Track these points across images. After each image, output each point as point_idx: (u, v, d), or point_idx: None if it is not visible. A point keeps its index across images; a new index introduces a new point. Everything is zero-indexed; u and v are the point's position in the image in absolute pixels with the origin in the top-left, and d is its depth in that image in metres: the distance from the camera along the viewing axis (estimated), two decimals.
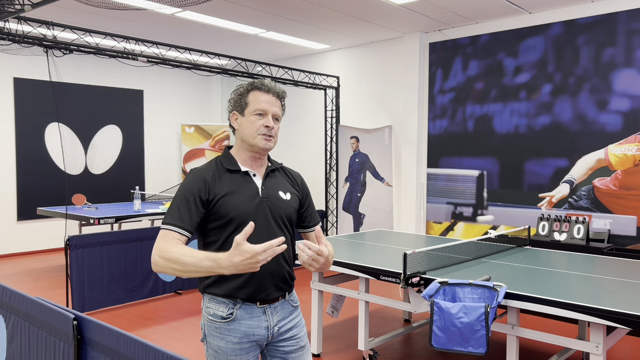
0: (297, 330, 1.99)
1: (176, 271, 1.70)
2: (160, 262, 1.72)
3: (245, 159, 1.95)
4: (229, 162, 1.94)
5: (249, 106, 1.91)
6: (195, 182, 1.85)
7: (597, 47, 5.54)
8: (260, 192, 1.91)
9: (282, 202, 1.94)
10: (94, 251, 5.02)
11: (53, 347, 2.14)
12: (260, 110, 1.89)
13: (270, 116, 1.91)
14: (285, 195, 1.97)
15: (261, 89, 1.92)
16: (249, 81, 1.96)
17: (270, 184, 1.96)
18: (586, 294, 2.76)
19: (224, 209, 1.84)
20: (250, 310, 1.88)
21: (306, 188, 2.10)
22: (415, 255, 3.35)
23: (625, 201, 5.39)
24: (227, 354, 1.86)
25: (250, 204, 1.87)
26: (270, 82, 1.95)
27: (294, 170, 2.12)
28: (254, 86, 1.93)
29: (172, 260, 1.70)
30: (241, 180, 1.91)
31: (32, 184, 7.86)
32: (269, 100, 1.91)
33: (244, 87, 1.95)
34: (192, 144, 9.31)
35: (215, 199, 1.85)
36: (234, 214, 1.84)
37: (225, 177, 1.90)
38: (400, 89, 7.27)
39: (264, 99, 1.91)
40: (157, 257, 1.73)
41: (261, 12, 6.07)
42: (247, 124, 1.91)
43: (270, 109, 1.91)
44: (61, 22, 6.48)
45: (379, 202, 7.35)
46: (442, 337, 2.71)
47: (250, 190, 1.90)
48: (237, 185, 1.89)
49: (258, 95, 1.91)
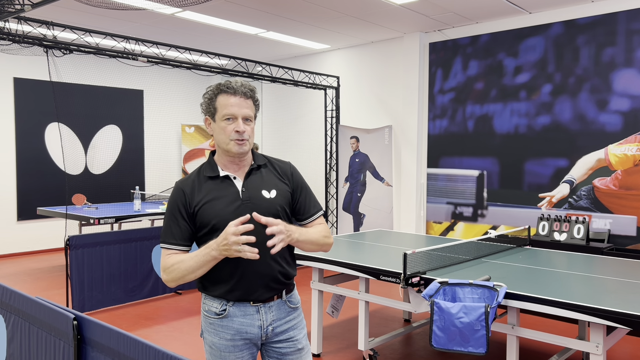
0: (295, 332, 1.96)
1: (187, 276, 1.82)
2: (169, 280, 1.84)
3: (226, 162, 1.92)
4: (210, 168, 1.92)
5: (218, 111, 1.86)
6: (176, 196, 1.89)
7: (597, 47, 5.54)
8: (241, 194, 1.88)
9: (265, 202, 1.89)
10: (94, 251, 5.02)
11: (53, 347, 2.14)
12: (229, 115, 1.84)
13: (240, 120, 1.84)
14: (269, 194, 1.91)
15: (227, 91, 1.85)
16: (217, 83, 1.89)
17: (252, 184, 1.91)
18: (586, 294, 2.76)
19: (205, 217, 1.85)
20: (243, 308, 1.88)
21: (299, 179, 2.02)
22: (415, 255, 3.35)
23: (625, 201, 5.39)
24: (221, 350, 1.88)
25: (230, 208, 1.85)
26: (236, 82, 1.87)
27: (284, 160, 2.04)
28: (220, 89, 1.86)
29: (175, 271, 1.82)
30: (221, 185, 1.89)
31: (32, 184, 7.85)
32: (237, 103, 1.84)
33: (212, 91, 1.89)
34: (192, 144, 9.31)
35: (196, 209, 1.86)
36: (215, 221, 1.84)
37: (205, 185, 1.89)
38: (400, 89, 7.27)
39: (231, 102, 1.84)
40: (165, 277, 1.85)
41: (261, 12, 6.07)
42: (218, 130, 1.87)
43: (239, 111, 1.84)
44: (61, 22, 6.48)
45: (379, 202, 7.35)
46: (442, 337, 2.71)
47: (230, 195, 1.88)
48: (217, 192, 1.88)
49: (225, 99, 1.85)
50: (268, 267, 1.87)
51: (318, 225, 2.00)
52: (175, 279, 1.82)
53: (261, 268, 1.86)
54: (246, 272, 1.85)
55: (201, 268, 1.79)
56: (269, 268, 1.88)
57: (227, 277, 1.86)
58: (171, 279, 1.83)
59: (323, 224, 2.02)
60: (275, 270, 1.89)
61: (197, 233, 1.90)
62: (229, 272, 1.85)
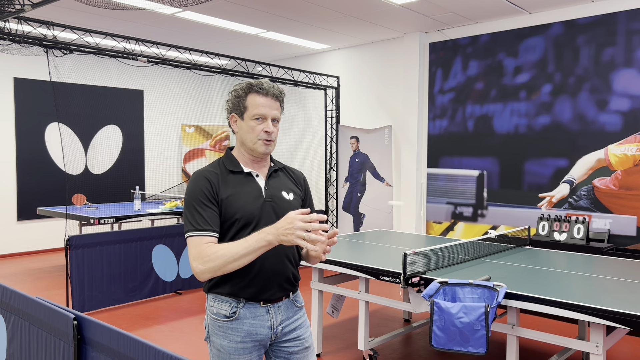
0: (302, 331, 1.98)
1: (231, 264, 1.72)
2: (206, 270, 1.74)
3: (247, 160, 1.95)
4: (231, 163, 1.93)
5: (247, 110, 1.87)
6: (202, 184, 1.84)
7: (597, 47, 5.54)
8: (264, 192, 1.91)
9: (286, 203, 1.94)
10: (94, 251, 5.02)
11: (53, 347, 2.14)
12: (259, 115, 1.86)
13: (269, 120, 1.88)
14: (288, 196, 1.96)
15: (259, 92, 1.87)
16: (247, 82, 1.91)
17: (273, 184, 1.95)
18: (586, 294, 2.76)
19: (229, 210, 1.84)
20: (253, 310, 1.88)
21: (308, 189, 2.11)
22: (415, 255, 3.35)
23: (625, 201, 5.39)
24: (230, 353, 1.86)
25: (254, 204, 1.87)
26: (268, 83, 1.90)
27: (297, 169, 2.11)
28: (252, 89, 1.88)
29: (219, 258, 1.72)
30: (244, 180, 1.91)
31: (32, 184, 7.86)
32: (268, 104, 1.87)
33: (242, 89, 1.89)
34: (192, 144, 9.31)
35: (223, 200, 1.85)
36: (239, 215, 1.84)
37: (228, 178, 1.90)
38: (400, 89, 7.27)
39: (262, 102, 1.86)
40: (201, 267, 1.74)
41: (261, 12, 6.07)
42: (246, 128, 1.88)
43: (270, 112, 1.87)
44: (61, 22, 6.48)
45: (379, 202, 7.35)
46: (442, 337, 2.71)
47: (254, 191, 1.90)
48: (240, 186, 1.89)
49: (256, 99, 1.87)
50: (284, 266, 1.90)
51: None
52: (214, 268, 1.72)
53: (277, 267, 1.88)
54: (263, 269, 1.85)
55: (250, 254, 1.70)
56: (284, 267, 1.90)
57: (244, 271, 1.84)
58: (208, 270, 1.73)
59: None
60: (289, 271, 1.92)
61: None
62: (247, 267, 1.83)
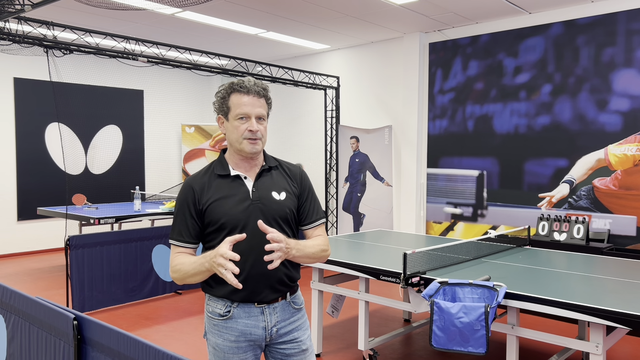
0: (299, 333, 1.96)
1: (187, 278, 1.84)
2: (175, 278, 1.88)
3: (237, 161, 1.93)
4: (221, 167, 1.93)
5: (231, 110, 1.86)
6: (186, 193, 1.90)
7: (597, 47, 5.54)
8: (251, 194, 1.89)
9: (275, 203, 1.90)
10: (94, 251, 5.03)
11: (53, 347, 2.14)
12: (242, 114, 1.84)
13: (253, 119, 1.85)
14: (279, 195, 1.92)
15: (241, 90, 1.85)
16: (229, 82, 1.89)
17: (262, 185, 1.92)
18: (586, 294, 2.76)
19: (214, 215, 1.85)
20: (248, 310, 1.88)
21: (307, 183, 2.03)
22: (415, 255, 3.35)
23: (625, 201, 5.39)
24: (225, 352, 1.87)
25: (239, 207, 1.86)
26: (249, 81, 1.87)
27: (294, 164, 2.06)
28: (234, 88, 1.87)
29: (178, 272, 1.85)
30: (232, 184, 1.90)
31: (32, 184, 7.86)
32: (250, 102, 1.85)
33: (224, 90, 1.89)
34: (192, 144, 9.31)
35: (205, 207, 1.86)
36: (225, 219, 1.84)
37: (215, 183, 1.90)
38: (400, 89, 7.27)
39: (245, 101, 1.85)
40: (172, 275, 1.89)
41: (261, 12, 6.07)
42: (231, 128, 1.87)
43: (253, 110, 1.85)
44: (61, 22, 6.48)
45: (379, 202, 7.35)
46: (442, 337, 2.71)
47: (240, 194, 1.88)
48: (227, 190, 1.88)
49: (239, 98, 1.85)
50: (273, 269, 1.86)
51: (317, 237, 1.98)
52: (178, 279, 1.86)
53: (266, 270, 1.85)
54: (252, 273, 1.85)
55: (197, 276, 1.81)
56: (274, 270, 1.87)
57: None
58: (176, 278, 1.87)
59: (322, 235, 2.00)
60: (280, 272, 1.90)
61: (204, 230, 1.90)
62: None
